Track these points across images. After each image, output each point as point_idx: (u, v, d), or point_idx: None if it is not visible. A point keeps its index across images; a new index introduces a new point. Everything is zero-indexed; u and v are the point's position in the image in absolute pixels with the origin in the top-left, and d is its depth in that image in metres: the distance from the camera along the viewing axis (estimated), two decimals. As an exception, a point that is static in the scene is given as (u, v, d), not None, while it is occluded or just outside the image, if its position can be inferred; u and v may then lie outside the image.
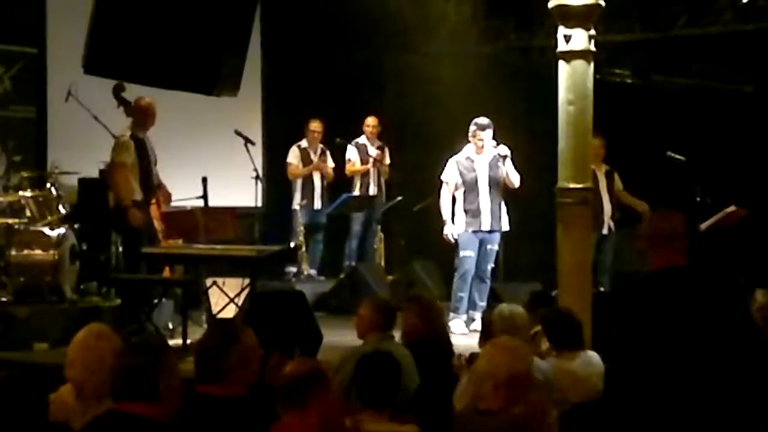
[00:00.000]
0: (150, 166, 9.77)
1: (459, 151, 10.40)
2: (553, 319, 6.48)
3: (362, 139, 12.76)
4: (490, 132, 10.25)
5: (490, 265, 10.40)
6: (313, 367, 4.67)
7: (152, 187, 9.77)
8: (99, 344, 5.01)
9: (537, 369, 5.88)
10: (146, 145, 9.74)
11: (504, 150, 10.23)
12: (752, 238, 11.62)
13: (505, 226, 10.37)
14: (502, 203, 10.36)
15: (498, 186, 10.31)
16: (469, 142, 10.34)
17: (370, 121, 12.78)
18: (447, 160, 10.43)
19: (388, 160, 12.86)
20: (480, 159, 10.31)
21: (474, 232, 10.29)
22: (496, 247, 10.39)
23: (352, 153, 12.70)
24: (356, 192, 12.72)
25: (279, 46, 13.32)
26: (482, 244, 10.33)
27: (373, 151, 12.71)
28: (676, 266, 4.97)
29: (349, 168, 12.71)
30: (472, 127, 10.28)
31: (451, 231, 10.38)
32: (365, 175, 12.73)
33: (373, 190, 12.76)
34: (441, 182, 10.48)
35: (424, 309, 6.75)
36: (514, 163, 10.26)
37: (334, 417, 4.69)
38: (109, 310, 9.73)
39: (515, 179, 10.29)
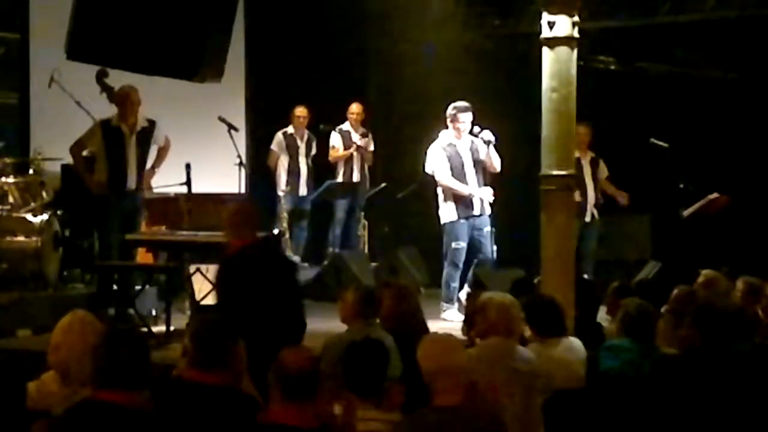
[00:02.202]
0: (125, 156, 9.71)
1: (435, 140, 10.34)
2: (535, 306, 6.49)
3: (346, 126, 12.75)
4: (470, 115, 10.21)
5: (492, 248, 10.28)
6: (315, 359, 4.67)
7: (125, 179, 9.72)
8: (84, 330, 5.02)
9: (520, 356, 5.91)
10: (123, 136, 9.70)
11: (488, 135, 10.20)
12: (735, 225, 11.67)
13: (489, 209, 10.34)
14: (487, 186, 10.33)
15: (482, 169, 10.28)
16: (446, 128, 10.29)
17: (354, 108, 12.77)
18: (426, 152, 10.37)
19: (372, 147, 12.86)
20: (461, 144, 10.27)
21: (468, 218, 10.24)
22: (491, 229, 10.30)
23: (335, 140, 12.70)
24: (340, 179, 12.72)
25: (263, 32, 13.28)
26: (475, 229, 10.26)
27: (357, 138, 12.70)
28: (251, 243, 6.74)
29: (332, 154, 12.71)
30: (452, 111, 10.19)
31: (476, 192, 10.18)
32: (348, 162, 12.72)
33: (356, 177, 12.75)
34: (427, 174, 10.35)
35: (394, 292, 6.76)
36: (497, 150, 10.25)
37: (325, 406, 4.72)
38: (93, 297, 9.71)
39: (497, 164, 10.27)
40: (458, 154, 10.26)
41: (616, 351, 6.39)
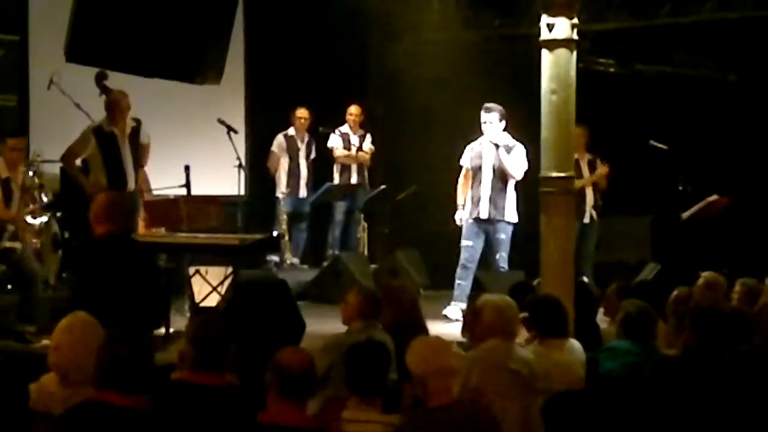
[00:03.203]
0: (121, 160, 9.71)
1: (475, 139, 10.45)
2: (541, 307, 6.48)
3: (345, 128, 12.75)
4: (495, 115, 10.21)
5: (501, 254, 10.33)
6: (311, 358, 4.68)
7: (125, 181, 9.72)
8: (84, 331, 5.02)
9: (519, 358, 5.90)
10: (116, 139, 9.70)
11: (495, 139, 10.22)
12: (734, 226, 11.67)
13: (510, 216, 10.31)
14: (508, 192, 10.32)
15: (503, 175, 10.27)
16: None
17: (353, 109, 12.78)
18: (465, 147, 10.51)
19: (369, 144, 12.80)
20: (489, 146, 10.30)
21: (475, 219, 10.31)
22: (503, 236, 10.29)
23: (335, 141, 12.70)
24: (336, 181, 12.71)
25: (262, 33, 13.28)
26: (488, 233, 10.33)
27: (355, 140, 12.70)
28: (112, 233, 7.04)
29: (335, 154, 12.70)
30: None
31: (459, 216, 10.45)
32: (346, 164, 12.72)
33: (354, 180, 12.75)
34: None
35: (393, 293, 6.77)
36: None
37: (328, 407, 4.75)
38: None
39: (512, 169, 10.23)
40: (480, 155, 10.32)
41: (615, 352, 6.39)
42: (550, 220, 7.74)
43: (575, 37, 7.73)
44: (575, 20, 7.73)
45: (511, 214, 10.33)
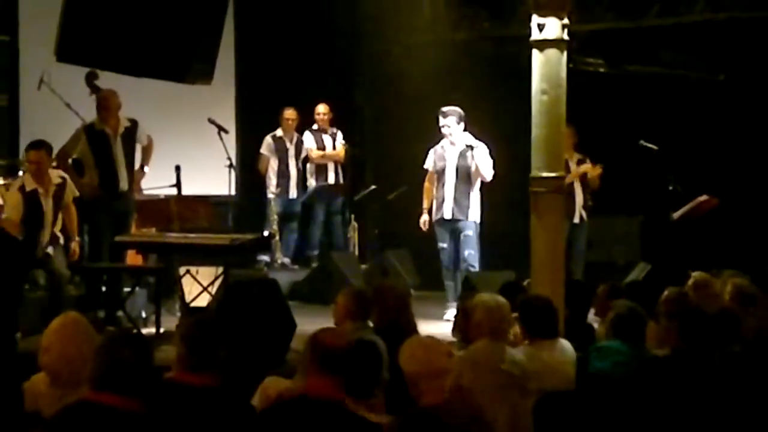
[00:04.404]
0: (113, 158, 9.70)
1: (439, 140, 10.46)
2: (531, 307, 6.48)
3: (315, 127, 12.73)
4: (452, 119, 10.29)
5: (469, 251, 10.36)
6: (351, 338, 4.82)
7: (116, 178, 9.71)
8: (75, 332, 5.01)
9: (510, 358, 5.91)
10: (108, 138, 9.69)
11: (469, 140, 10.27)
12: (724, 226, 11.68)
13: (474, 217, 10.37)
14: (472, 194, 10.36)
15: (467, 176, 10.32)
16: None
17: (321, 108, 12.74)
18: (428, 149, 10.55)
19: (341, 141, 12.75)
20: (451, 148, 10.35)
21: (440, 221, 10.38)
22: (469, 233, 10.36)
23: (309, 142, 12.67)
24: (313, 182, 12.70)
25: (253, 34, 13.27)
26: (454, 232, 10.39)
27: (328, 139, 12.70)
28: None
29: (310, 155, 12.68)
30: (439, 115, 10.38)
31: (424, 220, 10.53)
32: (321, 166, 12.71)
33: (332, 180, 12.74)
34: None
35: (379, 293, 6.77)
36: (491, 154, 10.29)
37: None
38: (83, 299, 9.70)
39: (485, 171, 10.29)
40: (444, 157, 10.38)
41: (606, 353, 6.40)
42: (540, 220, 7.75)
43: (566, 37, 7.75)
44: (566, 20, 7.74)
45: (475, 214, 10.39)
